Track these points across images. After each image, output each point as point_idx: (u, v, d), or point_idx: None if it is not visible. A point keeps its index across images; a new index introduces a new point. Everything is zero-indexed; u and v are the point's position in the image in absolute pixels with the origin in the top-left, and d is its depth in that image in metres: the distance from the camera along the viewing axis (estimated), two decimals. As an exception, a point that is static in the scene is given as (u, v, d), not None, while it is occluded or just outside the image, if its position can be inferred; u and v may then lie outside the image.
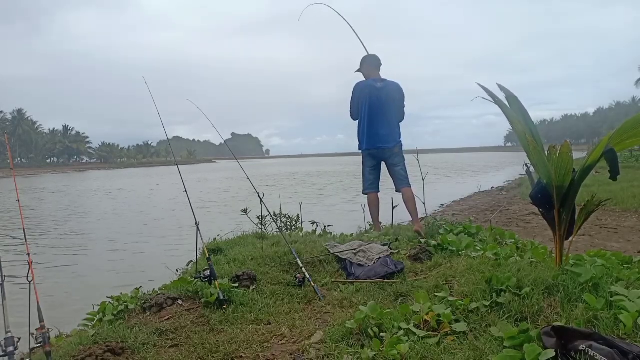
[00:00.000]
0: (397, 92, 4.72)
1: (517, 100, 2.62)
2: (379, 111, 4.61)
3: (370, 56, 4.83)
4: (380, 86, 4.66)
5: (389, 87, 4.68)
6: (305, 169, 57.25)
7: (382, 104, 4.62)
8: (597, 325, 1.96)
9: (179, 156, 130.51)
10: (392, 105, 4.67)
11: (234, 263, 3.67)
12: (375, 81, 4.69)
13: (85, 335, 2.55)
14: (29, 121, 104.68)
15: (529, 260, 2.91)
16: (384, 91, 4.64)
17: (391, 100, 4.66)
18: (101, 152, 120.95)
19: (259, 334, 2.49)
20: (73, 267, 8.82)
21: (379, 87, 4.65)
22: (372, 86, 4.67)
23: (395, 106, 4.69)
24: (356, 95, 4.76)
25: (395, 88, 4.71)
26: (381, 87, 4.65)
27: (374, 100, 4.62)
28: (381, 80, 4.71)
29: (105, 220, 15.61)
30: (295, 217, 5.85)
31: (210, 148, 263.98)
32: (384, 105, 4.62)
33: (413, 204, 4.57)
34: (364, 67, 4.84)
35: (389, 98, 4.65)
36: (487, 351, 1.91)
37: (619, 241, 7.06)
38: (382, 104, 4.62)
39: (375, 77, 4.74)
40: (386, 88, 4.66)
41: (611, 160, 2.34)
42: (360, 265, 3.32)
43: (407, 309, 2.36)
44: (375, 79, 4.72)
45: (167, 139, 4.18)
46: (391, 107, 4.66)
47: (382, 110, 4.61)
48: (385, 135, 4.63)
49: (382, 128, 4.62)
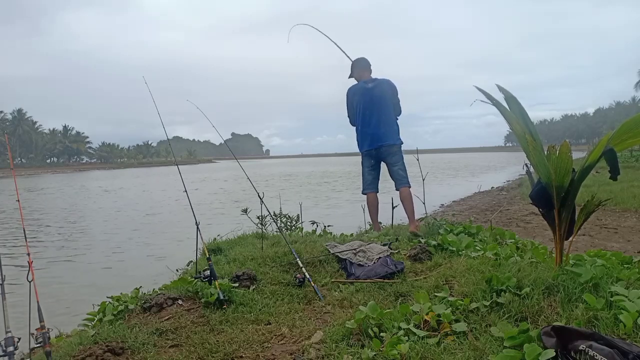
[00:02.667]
0: (389, 88, 4.73)
1: (516, 100, 2.62)
2: (373, 110, 4.63)
3: (358, 60, 4.86)
4: (371, 86, 4.68)
5: (380, 84, 4.70)
6: (307, 169, 57.22)
7: (375, 102, 4.63)
8: (597, 325, 1.96)
9: (179, 156, 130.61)
10: (386, 102, 4.68)
11: (234, 263, 3.67)
12: (366, 82, 4.72)
13: (85, 335, 2.55)
14: (29, 121, 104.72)
15: (529, 260, 2.91)
16: (376, 90, 4.66)
17: (384, 97, 4.67)
18: (101, 152, 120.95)
19: (259, 334, 2.49)
20: (73, 267, 8.82)
21: (370, 87, 4.68)
22: (363, 87, 4.70)
23: (389, 102, 4.70)
24: (349, 100, 4.81)
25: (386, 84, 4.72)
26: (372, 87, 4.68)
27: (367, 100, 4.64)
28: (372, 80, 4.73)
29: (105, 220, 15.60)
30: (295, 217, 5.85)
31: (210, 148, 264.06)
32: (377, 103, 4.63)
33: (409, 203, 4.56)
34: (355, 71, 4.88)
35: (381, 95, 4.66)
36: (487, 351, 1.91)
37: (619, 241, 7.06)
38: (375, 103, 4.63)
39: (366, 79, 4.76)
40: (377, 86, 4.68)
41: (611, 160, 2.34)
42: (360, 265, 3.32)
43: (407, 309, 2.36)
44: (366, 80, 4.75)
45: (167, 139, 4.18)
46: (385, 104, 4.67)
47: (376, 108, 4.62)
48: (383, 134, 4.63)
49: (379, 127, 4.63)
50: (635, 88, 56.08)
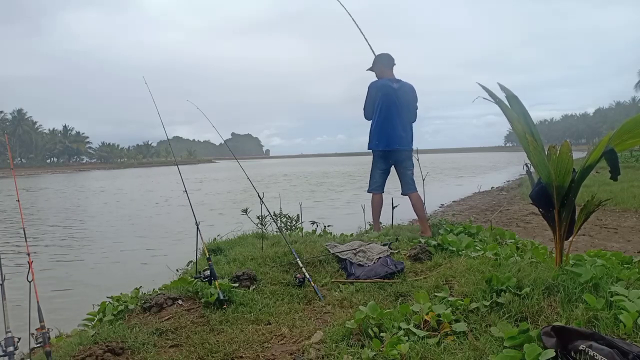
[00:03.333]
0: (412, 94, 4.63)
1: (518, 100, 2.62)
2: (396, 112, 4.51)
3: (384, 55, 4.69)
4: (396, 86, 4.55)
5: (405, 88, 4.59)
6: (308, 169, 57.21)
7: (399, 105, 4.52)
8: (597, 325, 1.96)
9: (179, 156, 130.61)
10: (408, 106, 4.60)
11: (234, 263, 3.67)
12: (391, 81, 4.57)
13: (85, 335, 2.55)
14: (29, 121, 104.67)
15: (529, 260, 2.91)
16: (400, 92, 4.54)
17: (408, 100, 4.59)
18: (101, 152, 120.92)
19: (259, 334, 2.49)
20: (73, 267, 8.82)
21: (396, 87, 4.54)
22: (389, 86, 4.53)
23: (411, 107, 4.63)
24: (372, 94, 4.60)
25: (410, 89, 4.62)
26: (398, 88, 4.55)
27: (392, 100, 4.51)
28: (396, 81, 4.59)
29: (105, 220, 15.60)
30: (295, 217, 5.85)
31: (210, 148, 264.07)
32: (401, 105, 4.53)
33: (421, 208, 4.51)
34: (377, 66, 4.71)
35: (406, 99, 4.57)
36: (487, 351, 1.91)
37: (619, 241, 7.06)
38: (398, 105, 4.52)
39: (390, 77, 4.62)
40: (402, 89, 4.57)
41: (612, 161, 2.34)
42: (360, 265, 3.32)
43: (407, 309, 2.36)
44: (390, 78, 4.60)
45: (167, 139, 4.18)
46: (408, 108, 4.59)
47: (399, 111, 4.52)
48: (404, 137, 4.54)
49: (400, 130, 4.52)
50: (635, 88, 56.29)
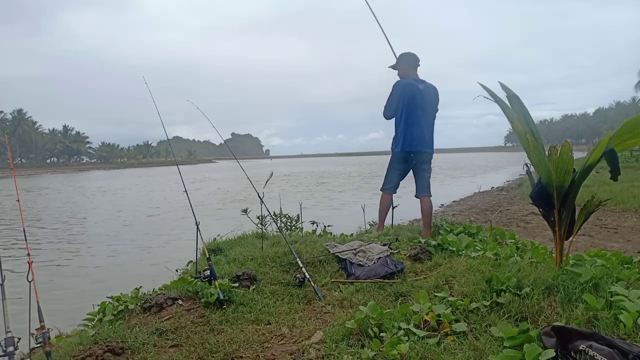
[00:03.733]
0: (436, 96, 4.59)
1: (519, 99, 2.62)
2: (422, 114, 4.44)
3: (409, 54, 4.59)
4: (422, 87, 4.46)
5: (430, 89, 4.52)
6: (308, 169, 57.20)
7: (425, 106, 4.45)
8: (597, 325, 1.96)
9: (179, 156, 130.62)
10: (433, 108, 4.55)
11: (234, 263, 3.67)
12: (417, 82, 4.48)
13: (85, 335, 2.55)
14: (29, 121, 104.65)
15: (529, 260, 2.91)
16: (426, 93, 4.47)
17: (432, 103, 4.54)
18: (101, 152, 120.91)
19: (259, 334, 2.49)
20: (73, 267, 8.82)
21: (422, 88, 4.46)
22: (415, 86, 4.44)
23: (435, 109, 4.59)
24: (397, 93, 4.47)
25: (434, 91, 4.57)
26: (423, 89, 4.47)
27: (418, 101, 4.42)
28: (421, 82, 4.51)
29: (105, 220, 15.60)
30: (295, 217, 5.85)
31: (210, 148, 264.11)
32: (427, 107, 4.47)
33: (430, 214, 4.48)
34: (401, 65, 4.58)
35: (431, 101, 4.52)
36: (487, 351, 1.91)
37: (619, 241, 7.06)
38: (424, 107, 4.45)
39: (415, 77, 4.54)
40: (427, 90, 4.49)
41: (612, 161, 2.34)
42: (360, 265, 3.32)
43: (407, 309, 2.36)
44: (415, 79, 4.52)
45: (167, 139, 4.18)
46: (432, 110, 4.55)
47: (424, 113, 4.46)
48: (429, 139, 4.49)
49: (425, 131, 4.46)
50: (635, 88, 56.30)
